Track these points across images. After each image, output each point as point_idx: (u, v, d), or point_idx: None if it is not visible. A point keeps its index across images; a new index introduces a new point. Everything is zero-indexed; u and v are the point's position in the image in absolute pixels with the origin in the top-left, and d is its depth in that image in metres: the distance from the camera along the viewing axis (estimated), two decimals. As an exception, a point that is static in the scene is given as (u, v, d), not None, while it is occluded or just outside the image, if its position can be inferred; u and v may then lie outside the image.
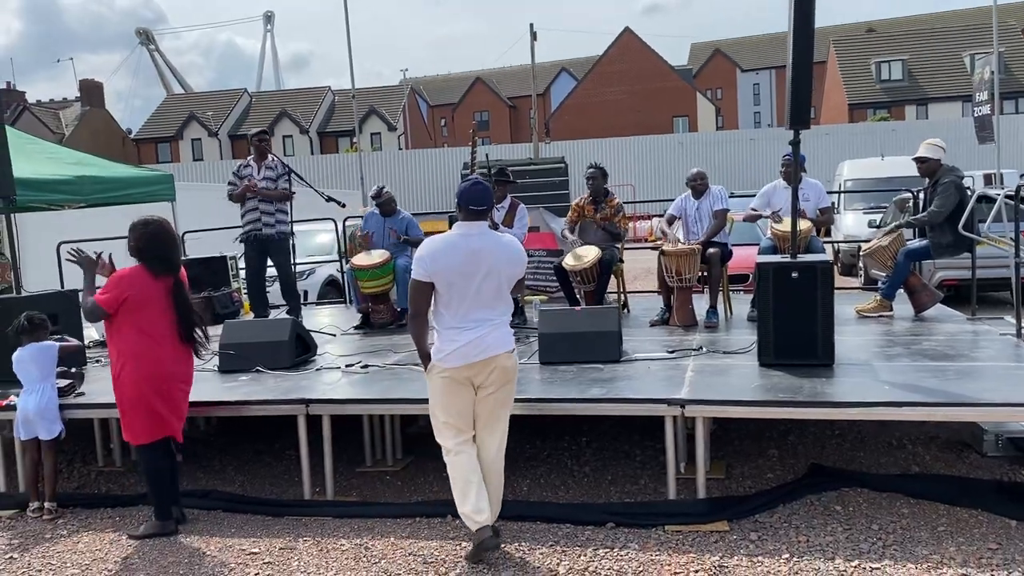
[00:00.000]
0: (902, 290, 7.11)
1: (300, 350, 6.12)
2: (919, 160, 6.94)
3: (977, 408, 4.34)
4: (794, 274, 5.02)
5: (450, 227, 4.05)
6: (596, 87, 52.11)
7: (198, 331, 4.56)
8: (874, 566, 3.72)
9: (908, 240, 7.21)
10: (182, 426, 4.63)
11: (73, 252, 4.74)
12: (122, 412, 4.50)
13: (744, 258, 8.49)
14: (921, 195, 7.42)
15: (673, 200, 7.62)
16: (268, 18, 71.25)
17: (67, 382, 5.24)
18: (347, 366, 5.83)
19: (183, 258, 9.42)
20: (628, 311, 7.95)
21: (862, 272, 11.91)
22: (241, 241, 7.73)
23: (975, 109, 18.11)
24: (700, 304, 7.22)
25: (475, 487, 3.87)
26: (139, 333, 4.38)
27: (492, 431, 3.99)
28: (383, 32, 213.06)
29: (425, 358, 3.94)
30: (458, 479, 3.92)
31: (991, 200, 6.69)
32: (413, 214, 8.38)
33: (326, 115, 55.33)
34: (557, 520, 4.40)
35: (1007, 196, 6.19)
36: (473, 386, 3.90)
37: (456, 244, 3.84)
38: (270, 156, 7.68)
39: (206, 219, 10.96)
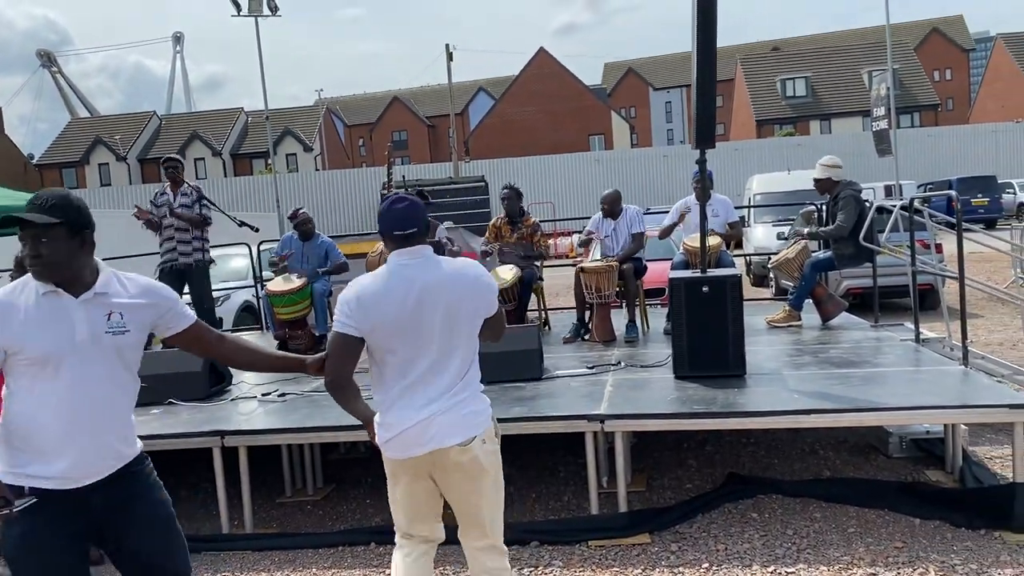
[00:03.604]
0: (810, 300, 7.38)
1: (214, 380, 5.97)
2: (815, 180, 7.24)
3: (881, 412, 4.52)
4: (704, 288, 5.16)
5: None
6: (513, 107, 52.59)
7: None
8: (789, 570, 3.84)
9: (813, 252, 7.49)
10: None
11: None
12: None
13: (660, 273, 8.66)
14: (824, 208, 7.73)
15: (590, 217, 7.74)
16: (177, 39, 69.72)
17: None
18: (263, 395, 5.72)
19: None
20: (549, 328, 8.02)
21: (773, 283, 12.31)
22: (158, 271, 7.54)
23: (873, 124, 18.96)
24: (619, 319, 7.34)
25: None
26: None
27: (476, 536, 2.91)
28: (298, 53, 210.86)
29: (368, 422, 2.82)
30: None
31: (889, 211, 7.02)
32: (332, 236, 8.30)
33: (239, 137, 54.35)
34: (481, 541, 4.39)
35: (902, 207, 6.50)
36: (432, 479, 2.84)
37: (393, 285, 2.74)
38: (187, 182, 7.55)
39: (114, 247, 10.56)
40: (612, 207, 7.36)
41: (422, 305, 2.72)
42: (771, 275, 12.12)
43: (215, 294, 9.85)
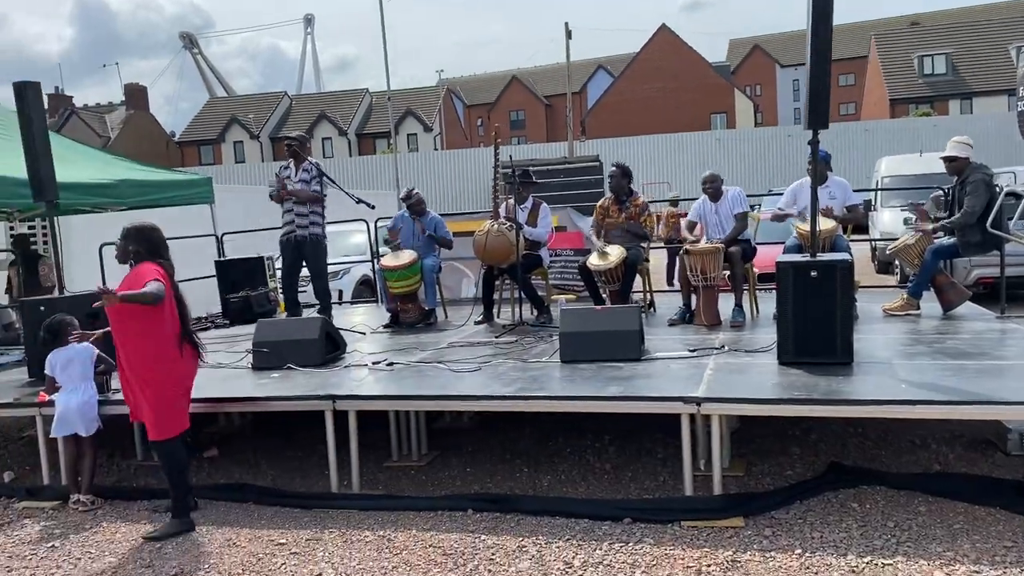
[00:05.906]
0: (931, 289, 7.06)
1: (330, 348, 6.29)
2: (947, 159, 6.89)
3: (996, 406, 4.32)
4: (813, 273, 5.04)
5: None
6: (633, 85, 51.91)
7: (195, 334, 4.72)
8: (886, 562, 3.75)
9: (936, 238, 7.15)
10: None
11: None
12: (158, 410, 4.55)
13: (772, 257, 8.46)
14: (951, 192, 7.36)
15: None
16: (308, 21, 72.29)
17: (103, 377, 5.42)
18: (374, 363, 5.98)
19: (222, 259, 9.74)
20: (654, 310, 8.00)
21: (898, 270, 11.79)
22: (280, 242, 8.00)
23: (1019, 103, 17.76)
24: (728, 303, 7.24)
25: None
26: (166, 330, 4.52)
27: None
28: (420, 34, 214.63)
29: None
30: None
31: (1020, 197, 6.63)
32: (442, 215, 8.52)
33: (364, 117, 55.95)
34: (575, 515, 4.49)
35: (1036, 193, 6.13)
36: None
37: None
38: (308, 159, 7.94)
39: (246, 220, 11.23)
40: (713, 187, 7.28)
41: None
42: (896, 262, 11.61)
43: (336, 267, 10.36)
